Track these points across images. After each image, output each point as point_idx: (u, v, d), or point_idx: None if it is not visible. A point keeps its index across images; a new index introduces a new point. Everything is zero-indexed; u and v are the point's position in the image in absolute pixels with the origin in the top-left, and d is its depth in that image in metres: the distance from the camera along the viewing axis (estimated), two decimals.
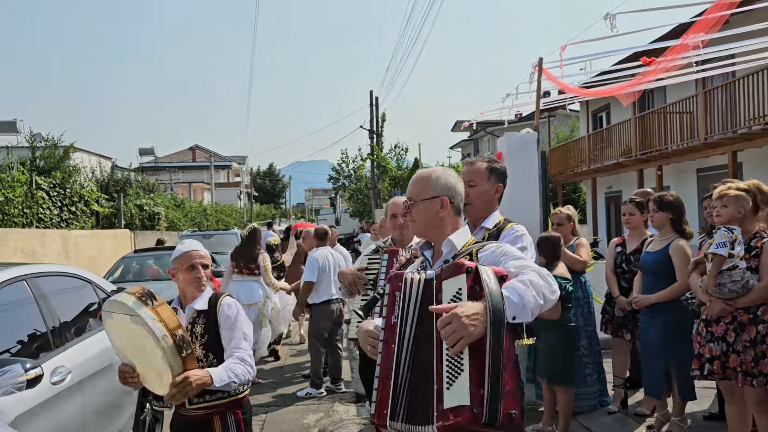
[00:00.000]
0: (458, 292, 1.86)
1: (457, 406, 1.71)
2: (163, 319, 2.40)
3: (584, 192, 24.48)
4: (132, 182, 24.25)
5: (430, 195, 2.24)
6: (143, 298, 2.43)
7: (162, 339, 2.37)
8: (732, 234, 3.73)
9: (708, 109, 12.83)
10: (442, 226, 2.24)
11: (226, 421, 2.73)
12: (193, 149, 57.72)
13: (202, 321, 2.77)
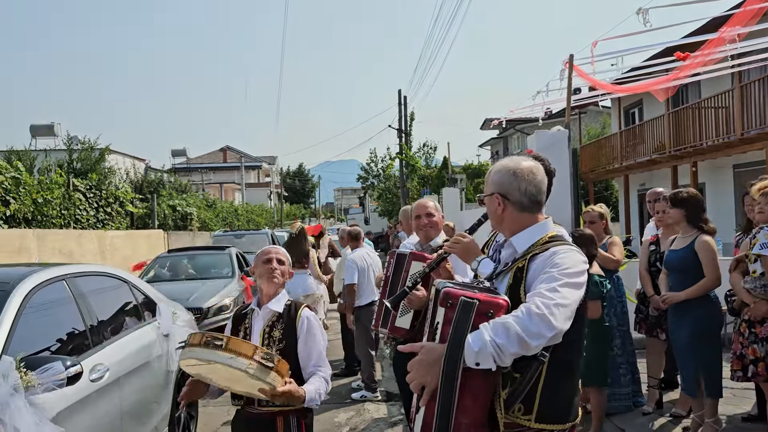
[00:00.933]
0: (437, 324, 1.91)
1: None
2: (240, 352, 2.46)
3: (616, 189, 24.11)
4: (165, 183, 24.70)
5: (487, 192, 2.21)
6: (208, 344, 2.49)
7: (248, 368, 2.45)
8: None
9: (744, 103, 12.52)
10: (503, 223, 2.17)
11: (289, 421, 2.80)
12: (224, 150, 58.47)
13: (281, 326, 2.86)
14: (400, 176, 29.97)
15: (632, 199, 19.65)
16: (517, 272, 2.05)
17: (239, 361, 2.44)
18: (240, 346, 2.48)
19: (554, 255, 2.00)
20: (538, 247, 2.06)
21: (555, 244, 2.06)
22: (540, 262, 2.01)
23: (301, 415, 2.85)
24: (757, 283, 3.80)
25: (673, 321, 4.61)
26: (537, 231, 2.12)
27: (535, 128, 11.26)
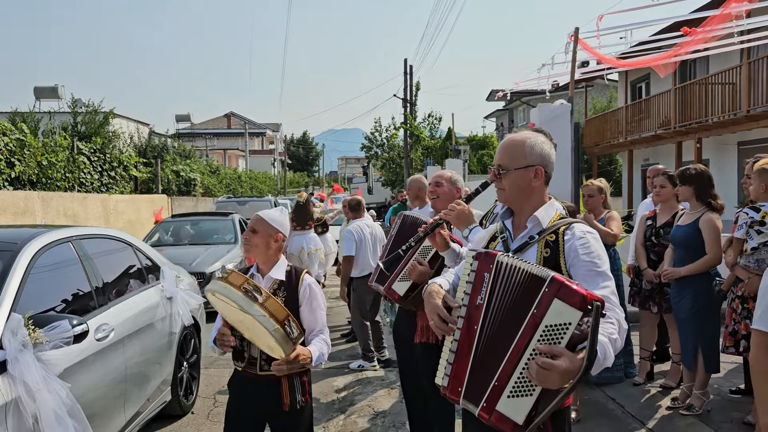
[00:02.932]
0: (565, 325, 1.79)
1: (507, 416, 1.83)
2: (273, 314, 2.53)
3: (620, 164, 24.06)
4: (169, 148, 24.69)
5: (524, 164, 2.15)
6: (250, 294, 2.54)
7: (274, 332, 2.53)
8: (756, 214, 3.70)
9: (752, 80, 12.43)
10: (533, 196, 2.16)
11: (293, 381, 2.88)
12: (228, 116, 58.20)
13: (283, 293, 2.89)
14: (404, 146, 29.89)
15: (635, 175, 19.63)
16: (549, 244, 2.09)
17: (270, 321, 2.51)
18: (275, 308, 2.55)
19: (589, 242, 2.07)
20: (559, 222, 2.13)
21: (573, 221, 2.14)
22: (575, 244, 2.06)
23: (303, 374, 2.93)
24: (750, 259, 3.87)
25: (675, 294, 4.68)
26: (551, 207, 2.19)
27: (540, 101, 11.21)
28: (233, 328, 2.84)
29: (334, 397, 5.70)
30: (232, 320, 2.76)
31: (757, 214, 3.72)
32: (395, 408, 5.27)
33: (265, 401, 2.88)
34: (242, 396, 2.95)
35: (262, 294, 2.56)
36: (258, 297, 2.54)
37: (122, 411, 3.90)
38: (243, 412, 2.93)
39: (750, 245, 3.81)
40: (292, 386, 2.87)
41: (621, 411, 4.89)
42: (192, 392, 5.39)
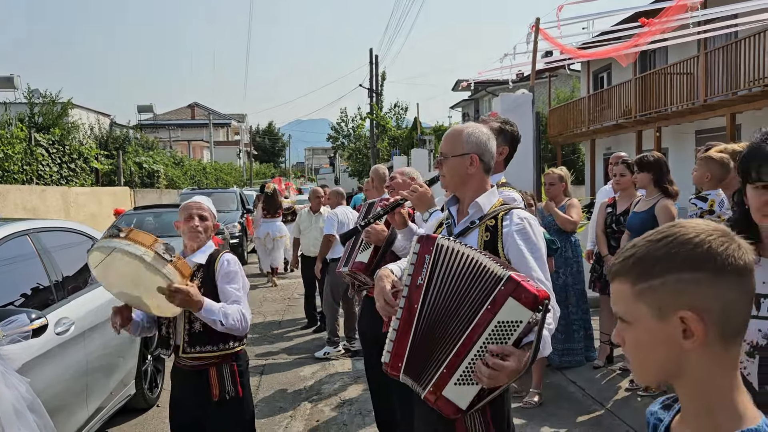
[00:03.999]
0: (516, 323, 1.87)
1: (452, 401, 1.94)
2: (138, 241, 2.48)
3: (583, 153, 24.47)
4: (131, 140, 24.20)
5: (460, 152, 2.26)
6: (112, 234, 2.52)
7: (144, 254, 2.45)
8: (704, 203, 3.81)
9: (708, 70, 12.76)
10: (471, 183, 2.27)
11: (221, 371, 2.82)
12: (192, 107, 57.27)
13: (200, 275, 2.84)
14: (370, 136, 29.87)
15: (598, 163, 19.99)
16: (489, 228, 2.20)
17: (136, 247, 2.45)
18: (139, 236, 2.50)
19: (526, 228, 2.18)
20: (499, 208, 2.24)
21: (512, 207, 2.26)
22: (514, 230, 2.17)
23: (232, 362, 2.84)
24: None
25: None
26: (493, 194, 2.30)
27: (505, 90, 11.33)
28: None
29: (301, 386, 5.72)
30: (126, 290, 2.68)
31: (705, 204, 3.84)
32: (362, 396, 5.31)
33: (195, 394, 2.82)
34: (177, 386, 2.92)
35: (123, 230, 2.52)
36: (119, 233, 2.50)
37: (85, 405, 3.85)
38: (180, 403, 2.91)
39: None
40: (221, 375, 2.80)
41: (582, 393, 5.03)
42: (157, 385, 5.34)
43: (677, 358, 0.96)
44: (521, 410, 4.65)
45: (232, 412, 2.86)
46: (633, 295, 0.98)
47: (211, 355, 2.81)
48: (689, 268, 0.93)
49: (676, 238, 0.96)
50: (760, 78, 11.22)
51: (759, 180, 1.56)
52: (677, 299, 0.94)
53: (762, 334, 1.62)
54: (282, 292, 10.63)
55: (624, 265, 1.00)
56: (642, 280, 0.97)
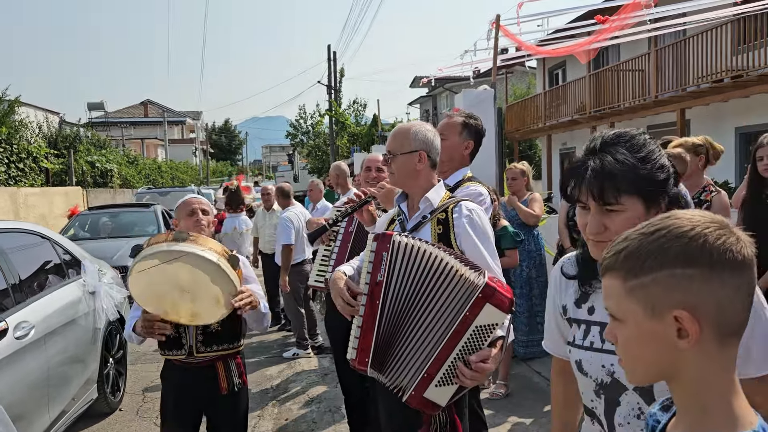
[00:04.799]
0: (492, 326, 1.99)
1: (434, 401, 2.04)
2: (210, 247, 2.46)
3: (540, 148, 24.90)
4: (82, 138, 23.50)
5: (408, 149, 2.34)
6: (178, 239, 2.46)
7: (219, 261, 2.44)
8: None
9: (659, 67, 13.14)
10: (419, 179, 2.36)
11: (228, 364, 2.83)
12: (144, 104, 55.96)
13: None
14: (329, 133, 29.75)
15: (554, 158, 20.39)
16: (441, 221, 2.31)
17: (210, 253, 2.44)
18: (209, 242, 2.49)
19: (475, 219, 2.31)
20: (447, 201, 2.35)
21: (460, 199, 2.38)
22: (465, 220, 2.29)
23: (238, 356, 2.89)
24: None
25: None
26: (440, 188, 2.41)
27: (463, 87, 11.43)
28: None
29: (268, 385, 5.67)
30: (167, 301, 2.60)
31: None
32: (330, 393, 5.30)
33: (201, 388, 2.81)
34: (178, 386, 2.86)
35: (189, 234, 2.48)
36: (186, 237, 2.47)
37: (46, 411, 3.73)
38: (180, 402, 2.85)
39: None
40: (228, 369, 2.83)
41: (546, 384, 5.12)
42: (119, 389, 5.22)
43: (671, 358, 0.91)
44: (489, 401, 4.71)
45: (235, 404, 2.88)
46: (624, 291, 0.93)
47: (223, 353, 2.81)
48: (682, 263, 0.88)
49: (669, 231, 0.91)
50: (707, 74, 11.62)
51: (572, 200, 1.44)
52: (670, 297, 0.89)
53: (606, 370, 1.42)
54: None
55: (615, 260, 0.96)
56: (633, 276, 0.92)
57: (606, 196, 1.33)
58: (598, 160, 1.35)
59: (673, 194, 1.38)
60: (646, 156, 1.36)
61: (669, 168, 1.39)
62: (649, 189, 1.34)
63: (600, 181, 1.33)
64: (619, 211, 1.34)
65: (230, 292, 2.54)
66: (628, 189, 1.33)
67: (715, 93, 11.67)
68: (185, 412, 2.87)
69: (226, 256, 2.52)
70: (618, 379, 1.39)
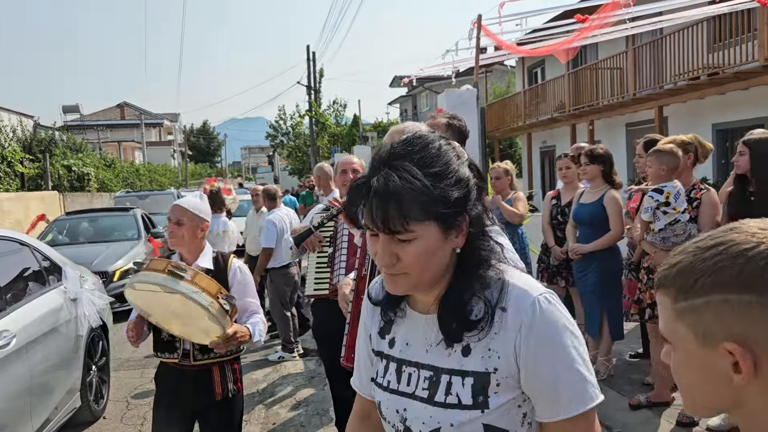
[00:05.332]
0: None
1: None
2: (204, 288, 2.41)
3: (520, 147, 25.06)
4: (57, 142, 23.12)
5: None
6: (175, 273, 2.41)
7: (209, 306, 2.40)
8: (661, 195, 3.94)
9: (637, 65, 13.29)
10: None
11: (224, 370, 2.81)
12: (121, 106, 55.25)
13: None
14: (310, 134, 29.65)
15: (535, 156, 20.51)
16: None
17: (203, 296, 2.39)
18: (204, 282, 2.44)
19: None
20: None
21: None
22: None
23: (234, 362, 2.87)
24: (656, 237, 4.08)
25: (579, 270, 4.92)
26: None
27: (443, 86, 11.45)
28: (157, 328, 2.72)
29: (254, 389, 5.61)
30: (159, 315, 2.61)
31: (662, 196, 3.96)
32: (317, 396, 5.27)
33: (195, 393, 2.78)
34: (171, 390, 2.83)
35: (188, 271, 2.44)
36: (184, 275, 2.42)
37: (29, 421, 3.65)
38: (173, 406, 2.81)
39: (657, 226, 4.04)
40: (224, 374, 2.80)
41: None
42: (102, 396, 5.14)
43: (729, 392, 0.78)
44: None
45: (229, 410, 2.85)
46: (674, 313, 0.82)
47: (220, 360, 2.79)
48: (738, 288, 0.75)
49: (728, 247, 0.77)
50: (684, 72, 11.78)
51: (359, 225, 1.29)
52: (723, 325, 0.76)
53: (399, 416, 1.24)
54: None
55: (667, 275, 0.83)
56: (683, 297, 0.80)
57: (392, 223, 1.10)
58: (382, 179, 1.10)
59: (475, 213, 1.17)
60: (440, 171, 1.12)
61: (470, 180, 1.17)
62: (443, 212, 1.11)
63: (384, 205, 1.09)
64: (410, 240, 1.11)
65: (216, 333, 2.51)
66: (417, 215, 1.10)
67: (692, 90, 11.83)
68: (177, 416, 2.82)
69: (219, 299, 2.46)
70: (409, 427, 1.21)
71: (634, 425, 4.12)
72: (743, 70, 10.34)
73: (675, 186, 3.96)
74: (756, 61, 10.01)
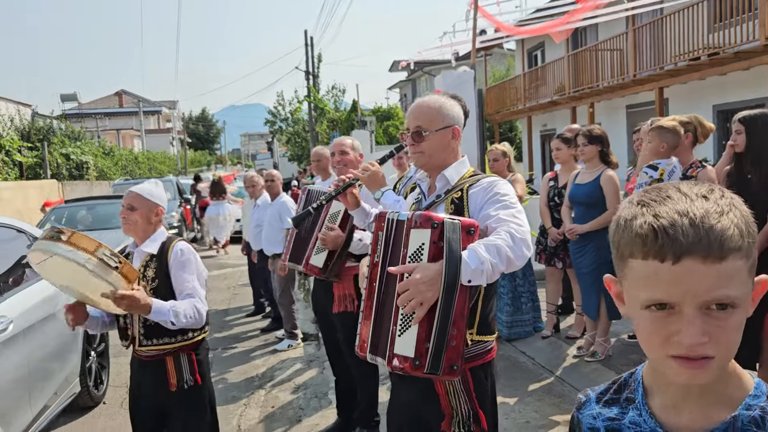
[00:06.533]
0: (421, 246, 1.92)
1: (403, 355, 1.90)
2: (81, 246, 2.35)
3: (520, 130, 24.96)
4: (56, 130, 23.05)
5: (442, 125, 2.21)
6: (53, 237, 2.38)
7: (87, 262, 2.33)
8: (655, 172, 3.92)
9: (637, 46, 13.18)
10: (452, 156, 2.24)
11: (179, 360, 2.75)
12: (119, 94, 55.07)
13: (154, 265, 2.74)
14: (308, 120, 29.53)
15: (535, 140, 20.44)
16: (455, 201, 2.16)
17: (78, 254, 2.33)
18: (82, 241, 2.37)
19: (494, 185, 2.12)
20: (468, 179, 2.19)
21: (484, 176, 2.22)
22: (479, 191, 2.12)
23: (190, 351, 2.78)
24: None
25: (576, 251, 4.91)
26: (462, 165, 2.26)
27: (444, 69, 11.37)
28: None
29: (253, 374, 5.63)
30: (71, 288, 2.58)
31: (656, 173, 3.94)
32: (316, 380, 5.28)
33: (154, 383, 2.76)
34: (136, 376, 2.86)
35: (65, 233, 2.39)
36: (61, 236, 2.37)
37: (28, 406, 3.66)
38: (139, 395, 2.84)
39: None
40: (179, 365, 2.75)
41: (532, 363, 5.16)
42: (102, 382, 5.16)
43: None
44: None
45: (192, 399, 2.80)
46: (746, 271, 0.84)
47: (169, 347, 2.73)
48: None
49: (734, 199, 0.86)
50: (685, 52, 11.68)
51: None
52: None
53: None
54: (226, 281, 10.45)
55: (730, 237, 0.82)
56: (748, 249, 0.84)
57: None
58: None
59: None
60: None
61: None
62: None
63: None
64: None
65: (111, 291, 2.41)
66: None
67: (693, 71, 11.75)
68: (143, 405, 2.84)
69: (99, 255, 2.38)
70: None
71: None
72: (744, 50, 10.25)
73: (670, 164, 3.94)
74: (757, 40, 9.92)
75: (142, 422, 2.85)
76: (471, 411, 2.05)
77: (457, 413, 2.05)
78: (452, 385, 2.03)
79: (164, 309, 2.57)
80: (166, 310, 2.58)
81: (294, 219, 3.08)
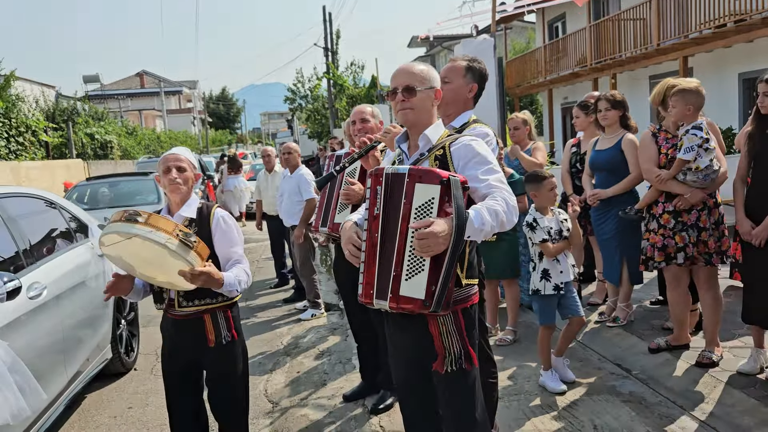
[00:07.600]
0: (430, 201, 2.07)
1: (411, 296, 2.08)
2: (160, 227, 2.45)
3: (541, 104, 24.67)
4: (79, 111, 23.36)
5: (428, 85, 2.36)
6: (129, 219, 2.47)
7: (168, 242, 2.44)
8: (701, 132, 3.89)
9: (660, 14, 12.92)
10: (432, 117, 2.40)
11: (216, 318, 2.85)
12: (140, 75, 55.45)
13: (194, 229, 2.79)
14: (328, 97, 29.49)
15: (556, 113, 20.20)
16: (438, 158, 2.31)
17: (159, 234, 2.43)
18: (160, 222, 2.47)
19: (473, 144, 2.31)
20: (447, 138, 2.37)
21: (460, 135, 2.39)
22: (461, 147, 2.29)
23: (227, 309, 2.89)
24: (699, 175, 4.00)
25: (597, 217, 4.90)
26: (439, 127, 2.43)
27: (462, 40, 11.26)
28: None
29: (278, 342, 5.75)
30: (138, 266, 2.67)
31: (702, 133, 3.91)
32: (340, 346, 5.38)
33: (191, 340, 2.86)
34: (171, 338, 2.93)
35: (142, 215, 2.47)
36: (138, 218, 2.46)
37: (63, 370, 3.80)
38: (175, 353, 2.92)
39: (702, 163, 3.95)
40: (216, 322, 2.85)
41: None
42: (133, 349, 5.31)
43: None
44: (497, 347, 4.77)
45: (229, 352, 2.90)
46: None
47: (210, 307, 2.83)
48: None
49: None
50: (710, 20, 11.43)
51: None
52: None
53: None
54: (250, 254, 10.60)
55: None
56: None
57: None
58: None
59: None
60: None
61: None
62: None
63: None
64: None
65: (189, 268, 2.52)
66: None
67: (718, 39, 11.50)
68: (179, 363, 2.92)
69: (178, 236, 2.48)
70: None
71: (653, 367, 4.16)
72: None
73: (706, 123, 3.95)
74: None
75: (175, 376, 2.94)
76: (462, 350, 2.25)
77: (449, 352, 2.24)
78: (445, 325, 2.24)
79: (232, 281, 2.72)
80: (233, 282, 2.73)
81: (318, 181, 3.14)
